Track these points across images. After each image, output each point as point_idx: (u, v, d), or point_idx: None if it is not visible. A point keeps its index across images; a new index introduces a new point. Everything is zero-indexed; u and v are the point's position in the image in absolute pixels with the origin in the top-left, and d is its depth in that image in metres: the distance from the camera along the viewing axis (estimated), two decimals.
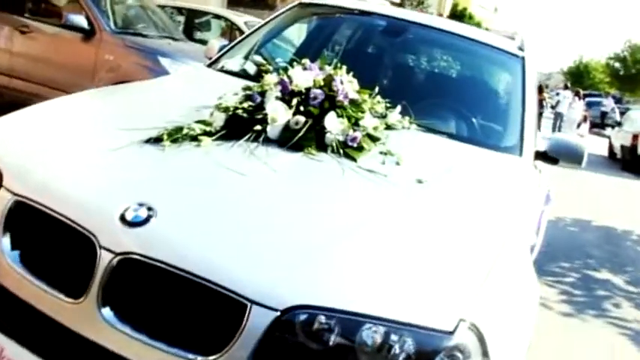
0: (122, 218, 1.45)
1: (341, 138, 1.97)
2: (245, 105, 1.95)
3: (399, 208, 1.69)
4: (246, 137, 1.87)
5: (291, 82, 2.02)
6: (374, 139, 2.07)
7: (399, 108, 2.33)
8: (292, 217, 1.54)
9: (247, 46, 3.15)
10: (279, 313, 1.30)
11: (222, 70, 2.92)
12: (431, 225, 1.68)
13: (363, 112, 2.10)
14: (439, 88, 3.02)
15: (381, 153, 2.04)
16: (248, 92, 2.04)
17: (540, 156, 2.65)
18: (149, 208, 1.47)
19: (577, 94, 18.06)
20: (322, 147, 1.94)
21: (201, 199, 1.55)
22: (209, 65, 3.02)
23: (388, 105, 2.34)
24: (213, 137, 1.84)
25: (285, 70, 2.13)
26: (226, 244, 1.42)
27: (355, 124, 2.05)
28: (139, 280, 1.41)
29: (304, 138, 1.89)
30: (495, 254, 1.62)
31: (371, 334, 1.31)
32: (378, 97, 2.31)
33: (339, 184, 1.78)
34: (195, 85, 2.74)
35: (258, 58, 2.98)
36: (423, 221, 1.69)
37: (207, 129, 1.87)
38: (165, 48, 6.12)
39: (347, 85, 2.07)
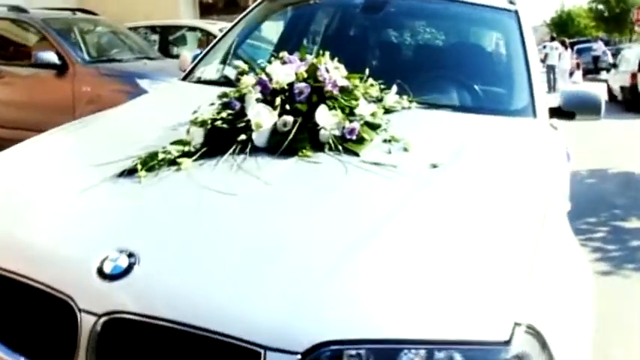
0: (100, 272, 1.23)
1: (337, 132, 1.74)
2: (224, 114, 1.73)
3: (417, 203, 1.47)
4: (231, 150, 1.65)
5: (270, 80, 1.79)
6: (374, 127, 1.85)
7: (394, 88, 2.10)
8: (296, 237, 1.32)
9: (222, 50, 2.92)
10: (299, 357, 1.08)
11: (198, 81, 2.69)
12: (457, 216, 1.45)
13: (356, 99, 1.87)
14: (433, 60, 2.78)
15: (384, 141, 1.82)
16: (225, 100, 1.81)
17: (555, 113, 2.41)
18: (130, 255, 1.25)
19: (562, 43, 17.76)
20: (318, 146, 1.71)
21: (188, 233, 1.33)
22: (184, 78, 2.79)
23: (382, 87, 2.11)
24: (194, 157, 1.62)
25: (263, 68, 1.90)
26: (224, 284, 1.19)
27: (350, 113, 1.82)
28: (133, 341, 1.19)
29: (296, 140, 1.67)
30: (537, 237, 1.40)
31: None
32: (370, 80, 2.08)
33: (344, 185, 1.55)
34: (169, 101, 2.51)
35: (239, 63, 2.73)
36: (447, 213, 1.46)
37: (186, 149, 1.65)
38: (141, 69, 5.91)
39: (333, 72, 1.85)
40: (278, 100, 1.72)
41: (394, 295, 1.17)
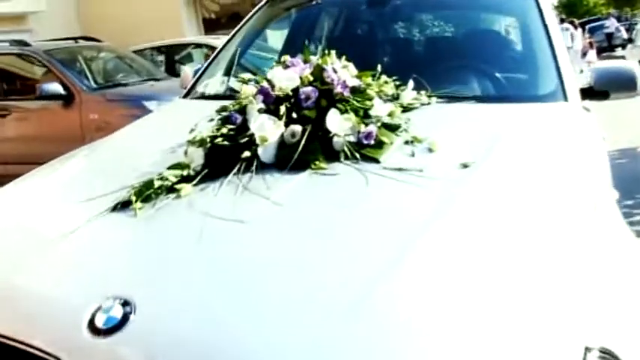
0: (91, 326, 1.06)
1: (352, 138, 1.55)
2: (224, 130, 1.55)
3: (450, 212, 1.27)
4: (235, 170, 1.47)
5: (273, 87, 1.61)
6: (393, 128, 1.65)
7: (411, 83, 1.90)
8: (317, 266, 1.13)
9: (224, 62, 2.75)
10: None
11: (202, 97, 2.52)
12: (501, 223, 1.25)
13: (370, 99, 1.68)
14: (449, 50, 2.57)
15: (406, 143, 1.62)
16: (224, 114, 1.63)
17: (586, 94, 2.20)
18: (125, 303, 1.07)
19: (572, 23, 17.43)
20: (332, 156, 1.53)
21: (191, 271, 1.15)
22: (185, 95, 2.63)
23: (397, 83, 1.91)
24: (194, 182, 1.44)
25: (264, 76, 1.72)
26: (239, 332, 1.01)
27: (365, 116, 1.63)
28: None
29: (307, 151, 1.48)
30: (595, 241, 1.20)
31: None
32: (384, 77, 1.89)
33: (367, 198, 1.36)
34: (168, 121, 2.35)
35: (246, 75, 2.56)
36: (488, 221, 1.26)
37: (185, 173, 1.47)
38: (148, 91, 5.80)
39: (342, 72, 1.66)
40: (283, 109, 1.53)
41: (449, 324, 0.97)
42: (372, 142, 1.56)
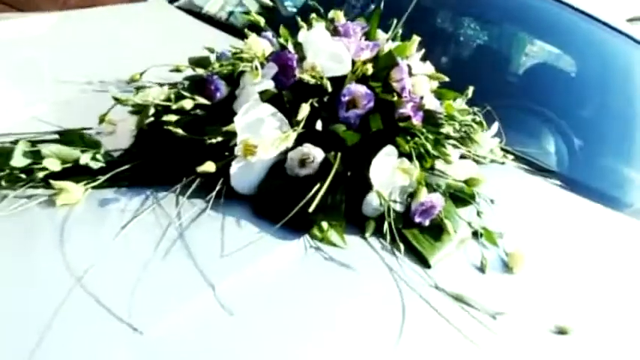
0: None
1: (399, 207, 0.86)
2: (186, 104, 0.82)
3: None
4: (177, 187, 0.75)
5: (301, 59, 0.88)
6: (464, 202, 0.96)
7: (495, 126, 1.20)
8: None
9: None
10: None
11: (189, 10, 1.75)
12: None
13: (445, 138, 0.97)
14: (547, 91, 1.82)
15: (475, 235, 0.94)
16: (199, 71, 0.90)
17: None
18: None
19: None
20: (356, 222, 0.83)
21: None
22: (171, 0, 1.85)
23: (477, 117, 1.20)
24: (93, 183, 0.72)
25: (289, 28, 1.00)
26: None
27: (431, 168, 0.93)
28: None
29: (322, 204, 0.78)
30: None
31: None
32: (463, 104, 1.18)
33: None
34: (131, 34, 1.53)
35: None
36: None
37: (85, 158, 0.75)
38: None
39: (421, 81, 0.94)
40: (305, 109, 0.81)
41: None
42: (428, 222, 0.87)
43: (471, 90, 1.10)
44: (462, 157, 1.05)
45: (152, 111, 0.79)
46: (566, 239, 1.11)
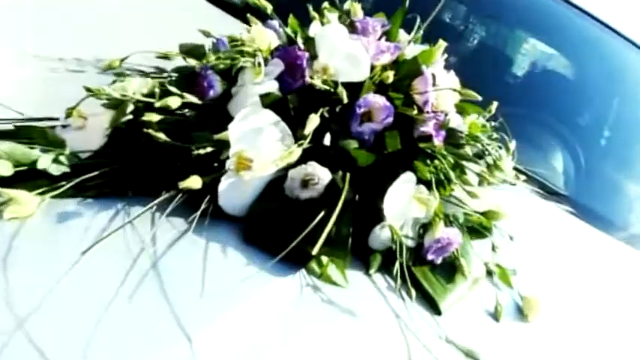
0: None
1: (410, 242, 0.74)
2: (172, 102, 0.68)
3: None
4: (152, 205, 0.62)
5: (312, 58, 0.75)
6: (479, 234, 0.85)
7: (513, 146, 1.08)
8: None
9: None
10: None
11: None
12: None
13: (464, 159, 0.85)
14: (556, 102, 1.69)
15: (489, 273, 0.83)
16: (191, 62, 0.76)
17: None
18: None
19: None
20: (361, 255, 0.72)
21: None
22: None
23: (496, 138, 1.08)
24: (52, 192, 0.59)
25: (299, 21, 0.87)
26: None
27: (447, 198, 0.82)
28: None
29: (334, 238, 0.65)
30: None
31: None
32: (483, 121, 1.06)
33: None
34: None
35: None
36: None
37: (45, 161, 0.62)
38: None
39: (447, 95, 0.82)
40: (314, 120, 0.68)
41: None
42: (439, 260, 0.76)
43: (494, 106, 0.98)
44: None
45: (131, 107, 0.65)
46: (585, 279, 1.01)
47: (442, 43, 0.87)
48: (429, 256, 0.74)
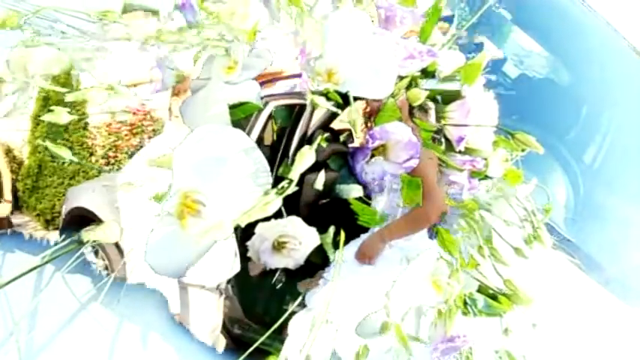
0: None
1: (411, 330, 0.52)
2: None
3: None
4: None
5: (313, 56, 0.51)
6: (492, 313, 0.64)
7: (533, 185, 0.85)
8: None
9: None
10: None
11: None
12: None
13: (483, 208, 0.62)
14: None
15: None
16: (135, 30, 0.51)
17: None
18: None
19: None
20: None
21: None
22: None
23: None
24: None
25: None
26: None
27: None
28: None
29: None
30: None
31: None
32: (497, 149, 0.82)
33: None
34: None
35: None
36: None
37: None
38: None
39: (488, 133, 0.59)
40: (307, 157, 0.44)
41: None
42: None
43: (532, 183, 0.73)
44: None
45: None
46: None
47: (486, 53, 0.64)
48: (434, 355, 0.53)
